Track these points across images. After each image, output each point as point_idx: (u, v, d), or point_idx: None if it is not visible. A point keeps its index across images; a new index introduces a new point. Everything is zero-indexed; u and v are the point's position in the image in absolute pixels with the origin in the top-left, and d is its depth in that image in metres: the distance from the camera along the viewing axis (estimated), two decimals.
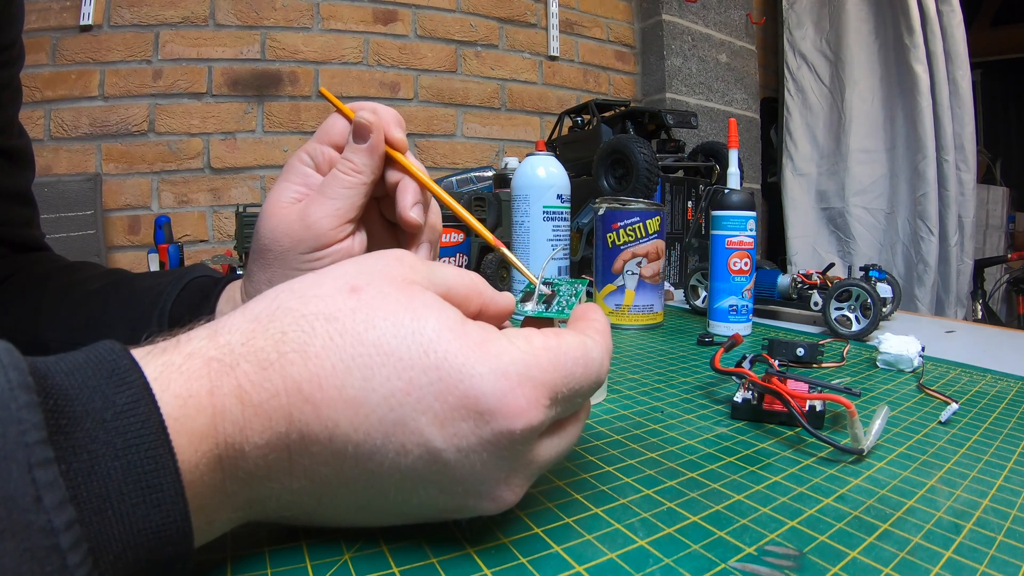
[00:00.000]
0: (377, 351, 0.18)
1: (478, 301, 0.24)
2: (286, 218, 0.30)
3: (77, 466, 0.14)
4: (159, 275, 0.39)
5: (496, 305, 0.25)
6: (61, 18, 1.15)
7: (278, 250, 0.30)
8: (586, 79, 1.78)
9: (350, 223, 0.30)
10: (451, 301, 0.22)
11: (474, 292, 0.24)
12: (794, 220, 2.13)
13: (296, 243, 0.30)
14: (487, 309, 0.24)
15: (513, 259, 0.31)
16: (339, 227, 0.30)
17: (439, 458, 0.19)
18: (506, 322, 0.27)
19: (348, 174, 0.30)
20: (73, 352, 0.17)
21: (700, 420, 0.36)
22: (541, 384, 0.19)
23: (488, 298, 0.25)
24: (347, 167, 0.30)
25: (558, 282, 0.29)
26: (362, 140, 0.30)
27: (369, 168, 0.30)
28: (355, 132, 0.30)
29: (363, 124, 0.30)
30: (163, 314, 0.35)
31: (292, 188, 0.31)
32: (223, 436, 0.17)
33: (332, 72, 1.40)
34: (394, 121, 0.31)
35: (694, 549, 0.22)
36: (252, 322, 0.19)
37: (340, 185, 0.30)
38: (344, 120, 0.31)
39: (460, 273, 0.24)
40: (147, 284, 0.37)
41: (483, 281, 0.25)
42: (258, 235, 0.31)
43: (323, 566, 0.20)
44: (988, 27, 3.03)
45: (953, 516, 0.25)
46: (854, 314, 0.61)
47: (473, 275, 0.25)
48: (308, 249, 0.29)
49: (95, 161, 1.20)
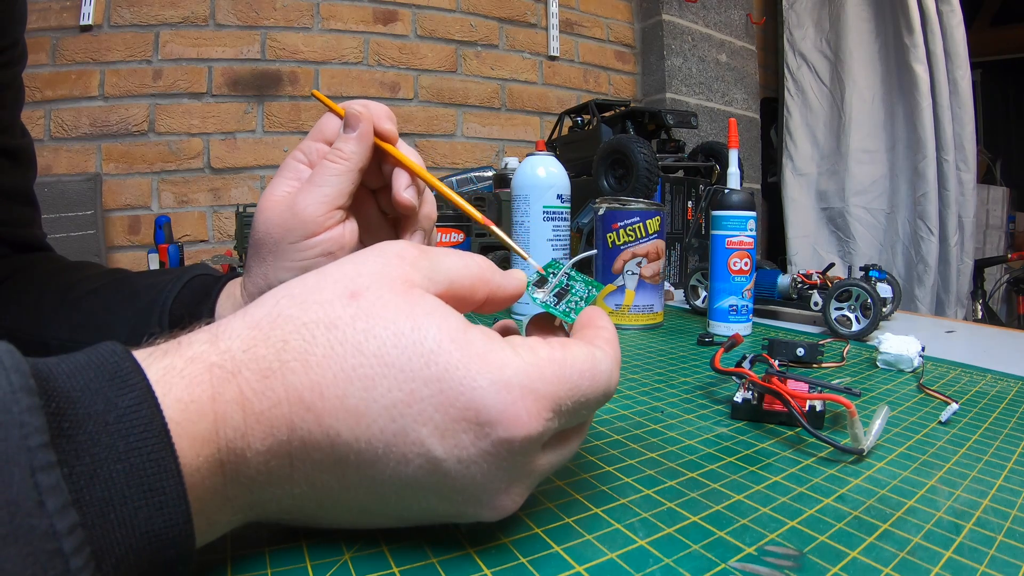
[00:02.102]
0: (378, 362, 0.18)
1: (485, 290, 0.24)
2: (276, 209, 0.31)
3: (80, 469, 0.14)
4: (159, 274, 0.39)
5: (505, 290, 0.24)
6: (61, 18, 1.15)
7: (271, 242, 0.31)
8: (586, 79, 1.78)
9: (339, 210, 0.31)
10: (455, 296, 0.22)
11: (480, 281, 0.23)
12: (794, 220, 2.13)
13: (286, 232, 0.30)
14: (495, 296, 0.24)
15: (503, 236, 0.31)
16: (327, 214, 0.30)
17: (440, 468, 0.19)
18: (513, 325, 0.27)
19: (335, 161, 0.31)
20: (75, 353, 0.16)
21: (700, 420, 0.36)
22: (544, 396, 0.19)
23: (496, 284, 0.24)
24: (335, 155, 0.31)
25: (576, 276, 0.28)
26: (351, 129, 0.31)
27: (356, 155, 0.31)
28: (345, 122, 0.31)
29: (353, 114, 0.31)
30: (163, 312, 0.35)
31: (285, 183, 0.32)
32: (224, 441, 0.17)
33: (332, 72, 1.40)
34: (384, 115, 0.32)
35: (694, 549, 0.22)
36: (253, 329, 0.19)
37: (327, 172, 0.31)
38: (337, 118, 0.32)
39: (465, 263, 0.23)
40: (147, 283, 0.37)
41: (490, 266, 0.24)
42: (253, 230, 0.32)
43: (323, 566, 0.20)
44: (988, 27, 3.03)
45: (953, 516, 0.25)
46: (854, 314, 0.61)
47: (479, 260, 0.24)
48: (298, 237, 0.30)
49: (95, 161, 1.20)
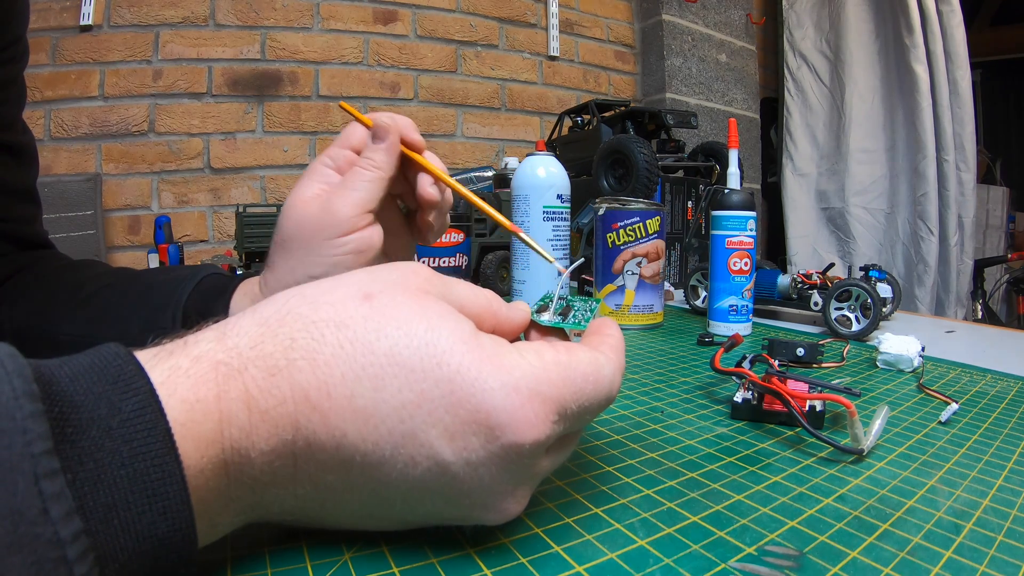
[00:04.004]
0: (388, 361, 0.18)
1: (492, 321, 0.24)
2: (308, 209, 0.32)
3: (83, 475, 0.14)
4: (173, 270, 0.39)
5: (511, 322, 0.25)
6: (61, 18, 1.15)
7: (302, 238, 0.32)
8: (586, 79, 1.78)
9: (369, 213, 0.33)
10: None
11: (487, 312, 0.24)
12: (794, 220, 2.13)
13: (320, 229, 0.32)
14: (501, 328, 0.24)
15: (530, 241, 0.33)
16: (359, 215, 0.32)
17: (447, 471, 0.19)
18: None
19: (368, 169, 0.33)
20: (77, 355, 0.16)
21: (700, 420, 0.36)
22: (550, 399, 0.19)
23: (503, 316, 0.24)
24: (367, 163, 0.33)
25: (572, 299, 0.29)
26: (380, 140, 0.33)
27: (387, 164, 0.33)
28: (375, 134, 0.33)
29: (382, 126, 0.33)
30: (178, 307, 0.36)
31: (314, 185, 0.33)
32: (229, 441, 0.17)
33: (332, 72, 1.40)
34: (411, 127, 0.35)
35: (694, 549, 0.22)
36: (261, 326, 0.19)
37: (361, 179, 0.33)
38: (362, 128, 0.34)
39: (475, 292, 0.24)
40: (162, 279, 0.38)
41: (497, 299, 0.25)
42: (281, 228, 0.33)
43: (323, 566, 0.20)
44: (988, 27, 3.03)
45: (953, 516, 0.25)
46: (854, 314, 0.61)
47: (487, 293, 0.24)
48: (331, 235, 0.32)
49: (95, 161, 1.19)
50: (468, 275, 0.81)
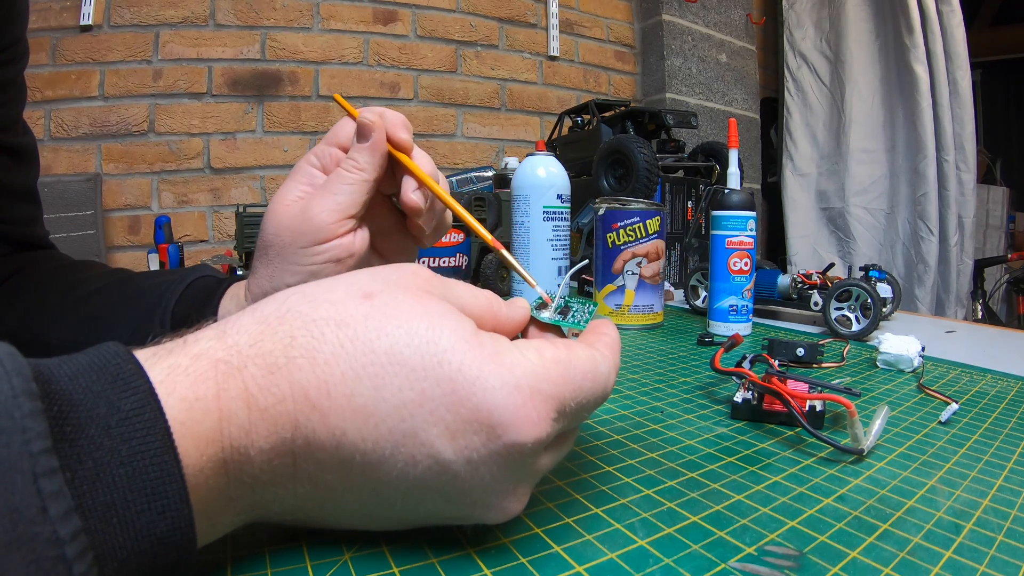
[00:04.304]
0: (389, 360, 0.18)
1: (492, 322, 0.24)
2: (288, 213, 0.31)
3: (82, 474, 0.14)
4: (163, 274, 0.39)
5: (512, 321, 0.24)
6: (61, 18, 1.15)
7: (280, 244, 0.31)
8: (586, 79, 1.78)
9: (351, 219, 0.31)
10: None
11: (488, 313, 0.23)
12: (794, 220, 2.13)
13: (297, 236, 0.30)
14: (501, 327, 0.24)
15: (512, 261, 0.31)
16: (339, 221, 0.30)
17: (448, 470, 0.18)
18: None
19: (350, 171, 0.31)
20: (76, 354, 0.16)
21: (700, 420, 0.36)
22: (551, 397, 0.19)
23: (503, 316, 0.24)
24: (350, 164, 0.31)
25: (570, 300, 0.29)
26: (364, 139, 0.31)
27: (371, 166, 0.31)
28: (358, 132, 0.31)
29: (365, 124, 0.31)
30: (166, 312, 0.35)
31: (298, 187, 0.32)
32: (228, 440, 0.17)
33: (332, 72, 1.40)
34: (400, 124, 0.32)
35: (694, 549, 0.22)
36: (261, 324, 0.19)
37: (342, 181, 0.31)
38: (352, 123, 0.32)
39: (475, 294, 0.24)
40: (151, 283, 0.38)
41: (497, 300, 0.24)
42: (262, 231, 0.32)
43: (323, 566, 0.20)
44: (988, 27, 3.03)
45: (953, 516, 0.25)
46: (854, 314, 0.61)
47: (488, 294, 0.24)
48: (308, 243, 0.30)
49: (95, 161, 1.19)
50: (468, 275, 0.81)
